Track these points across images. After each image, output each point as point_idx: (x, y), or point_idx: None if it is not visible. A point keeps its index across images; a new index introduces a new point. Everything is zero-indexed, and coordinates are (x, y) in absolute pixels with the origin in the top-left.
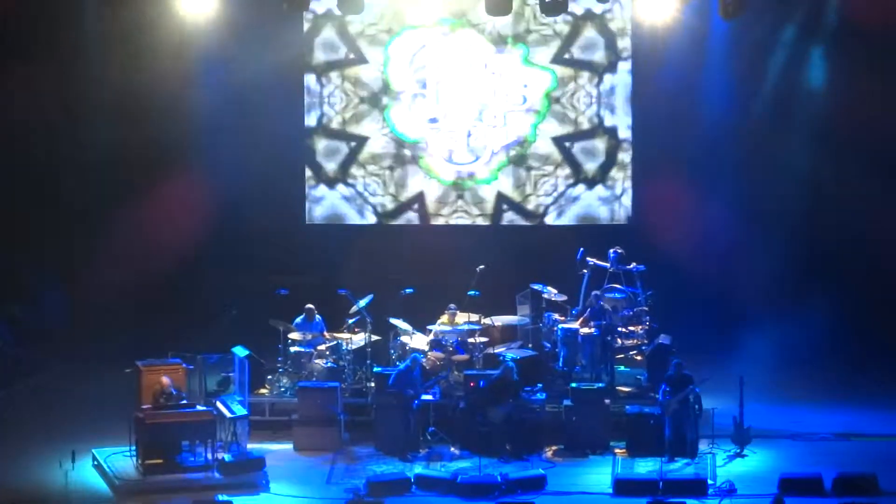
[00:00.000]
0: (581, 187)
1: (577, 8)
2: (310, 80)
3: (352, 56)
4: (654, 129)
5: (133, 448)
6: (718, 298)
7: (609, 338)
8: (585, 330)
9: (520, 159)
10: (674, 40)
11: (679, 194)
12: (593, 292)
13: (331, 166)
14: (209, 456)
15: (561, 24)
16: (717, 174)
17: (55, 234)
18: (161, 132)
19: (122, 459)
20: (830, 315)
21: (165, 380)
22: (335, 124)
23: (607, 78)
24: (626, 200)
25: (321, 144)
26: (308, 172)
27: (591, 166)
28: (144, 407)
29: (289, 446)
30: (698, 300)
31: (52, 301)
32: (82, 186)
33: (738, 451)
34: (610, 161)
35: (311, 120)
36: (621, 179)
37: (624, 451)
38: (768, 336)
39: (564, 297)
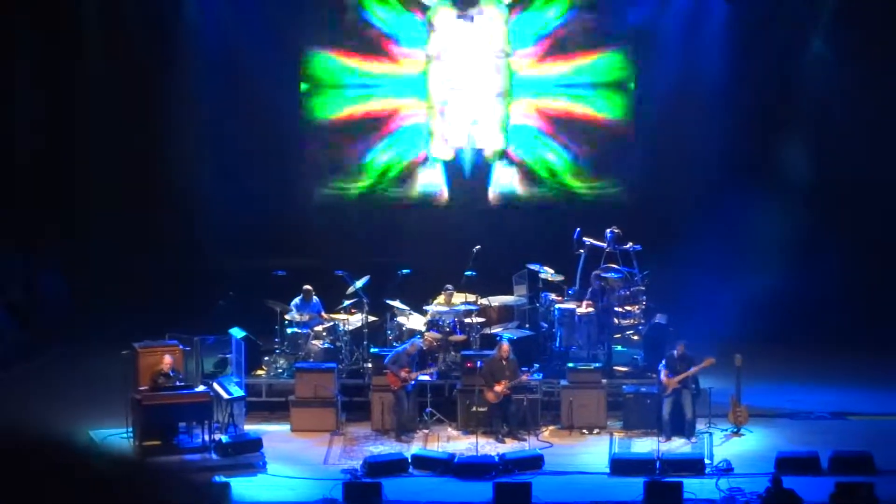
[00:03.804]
0: (579, 167)
1: None
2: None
3: None
4: (654, 110)
5: (130, 430)
6: (717, 279)
7: (606, 318)
8: (582, 310)
9: (516, 140)
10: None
11: (677, 173)
12: (593, 273)
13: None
14: (206, 437)
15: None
16: (714, 150)
17: (54, 218)
18: (159, 118)
19: (119, 441)
20: (827, 293)
21: (168, 358)
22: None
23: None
24: (625, 179)
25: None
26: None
27: (588, 147)
28: (141, 389)
29: (286, 427)
30: (695, 279)
31: (50, 285)
32: (82, 170)
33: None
34: (608, 140)
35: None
36: (621, 160)
37: (621, 430)
38: (765, 315)
39: (561, 278)
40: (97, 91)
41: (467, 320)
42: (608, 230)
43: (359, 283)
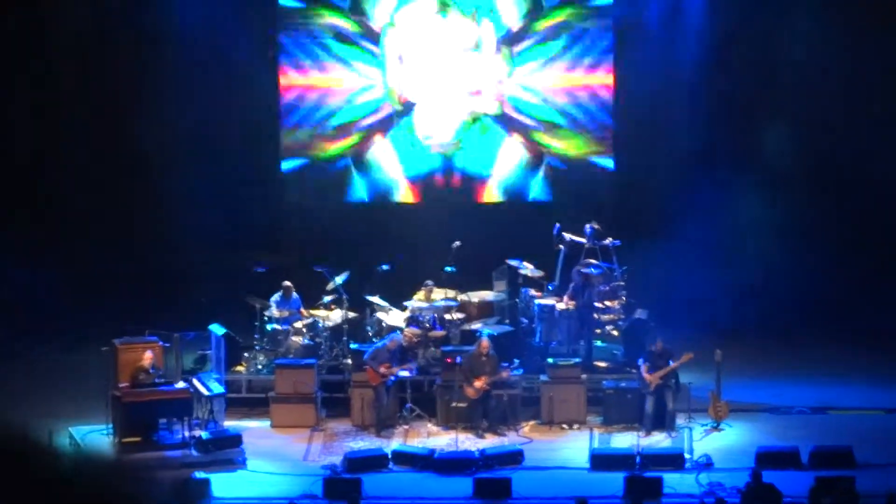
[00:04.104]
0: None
1: None
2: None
3: None
4: (635, 100)
5: (110, 426)
6: (696, 274)
7: (586, 313)
8: (562, 305)
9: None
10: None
11: (657, 172)
12: (573, 268)
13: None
14: (186, 434)
15: None
16: (697, 134)
17: (30, 211)
18: (136, 113)
19: (99, 438)
20: (809, 285)
21: (148, 355)
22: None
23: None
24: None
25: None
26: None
27: (570, 140)
28: (121, 385)
29: (266, 423)
30: (675, 274)
31: (26, 282)
32: (57, 165)
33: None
34: (591, 132)
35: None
36: (601, 152)
37: (601, 425)
38: (744, 309)
39: (541, 273)
40: (70, 85)
41: (447, 316)
42: (588, 225)
43: (338, 280)
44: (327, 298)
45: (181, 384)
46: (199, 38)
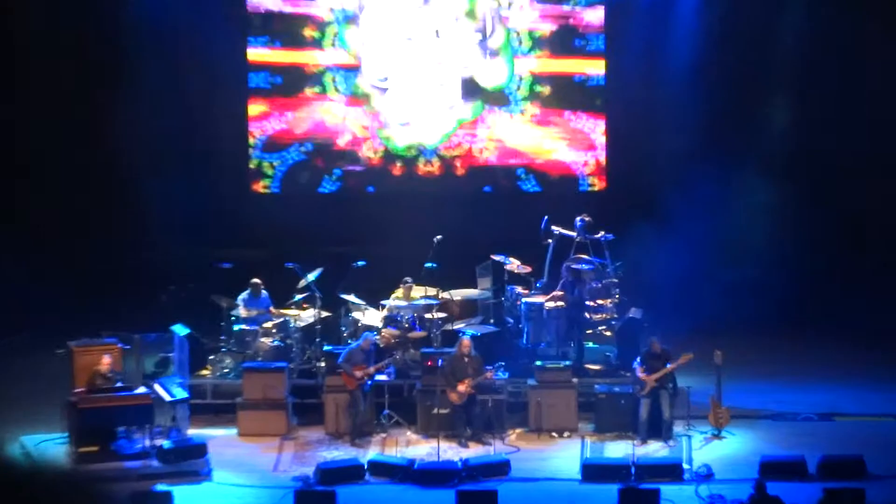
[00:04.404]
0: (548, 151)
1: None
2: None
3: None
4: (627, 89)
5: (65, 435)
6: (693, 269)
7: (577, 312)
8: (551, 304)
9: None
10: None
11: (652, 160)
12: (563, 264)
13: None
14: (147, 443)
15: None
16: (692, 127)
17: None
18: (98, 102)
19: (53, 447)
20: (814, 281)
21: (106, 358)
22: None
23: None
24: (597, 162)
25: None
26: (251, 139)
27: (560, 130)
28: (77, 390)
29: (233, 432)
30: (671, 271)
31: None
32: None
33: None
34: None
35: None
36: (593, 142)
37: (593, 433)
38: (745, 308)
39: (528, 269)
40: (35, 76)
41: (427, 315)
42: (578, 218)
43: (311, 276)
44: (299, 297)
45: (141, 389)
46: (167, 20)
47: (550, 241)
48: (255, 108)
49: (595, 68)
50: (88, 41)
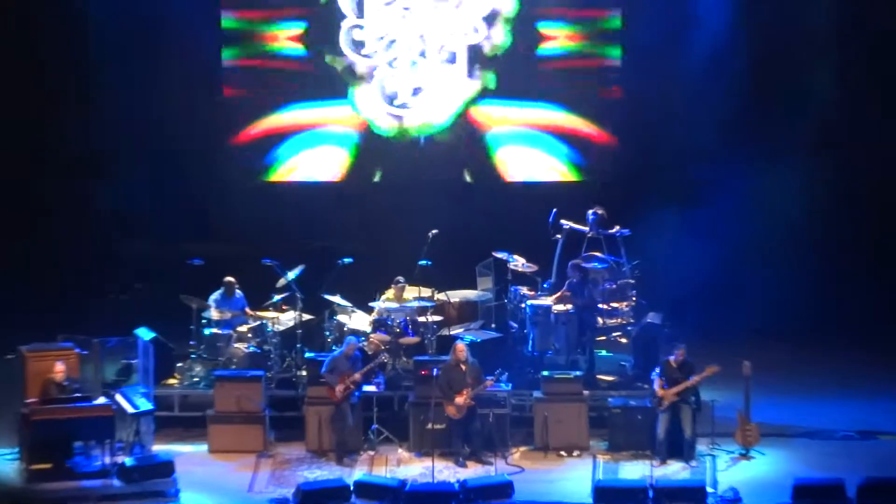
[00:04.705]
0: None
1: None
2: None
3: None
4: (645, 68)
5: (16, 450)
6: (717, 269)
7: (588, 316)
8: (560, 307)
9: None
10: None
11: (675, 145)
12: (572, 262)
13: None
14: (107, 460)
15: None
16: (720, 107)
17: None
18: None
19: (2, 464)
20: (852, 282)
21: (60, 366)
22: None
23: None
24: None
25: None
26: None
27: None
28: (30, 401)
29: (203, 448)
30: (694, 271)
31: None
32: None
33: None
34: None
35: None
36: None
37: (606, 452)
38: (777, 312)
39: (534, 268)
40: None
41: (421, 319)
42: (591, 211)
43: (291, 275)
44: (278, 297)
45: (101, 400)
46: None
47: (559, 236)
48: (230, 91)
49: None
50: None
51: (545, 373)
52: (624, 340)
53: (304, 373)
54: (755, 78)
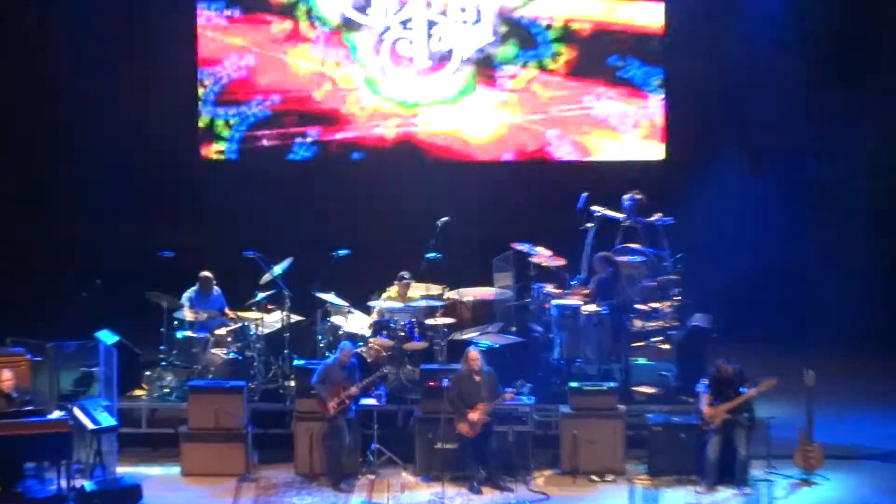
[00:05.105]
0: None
1: None
2: None
3: None
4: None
5: None
6: (777, 264)
7: (623, 318)
8: (590, 308)
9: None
10: None
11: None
12: (602, 255)
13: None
14: (63, 483)
15: None
16: (781, 73)
17: None
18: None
19: None
20: None
21: (8, 374)
22: None
23: None
24: (651, 124)
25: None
26: (201, 89)
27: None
28: None
29: (175, 470)
30: (747, 267)
31: None
32: None
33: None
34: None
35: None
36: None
37: (645, 476)
38: (845, 316)
39: (561, 262)
40: None
41: (429, 321)
42: (627, 196)
43: (277, 269)
44: (262, 295)
45: (57, 414)
46: None
47: (590, 224)
48: (206, 48)
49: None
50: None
51: (574, 384)
52: (666, 347)
53: (292, 383)
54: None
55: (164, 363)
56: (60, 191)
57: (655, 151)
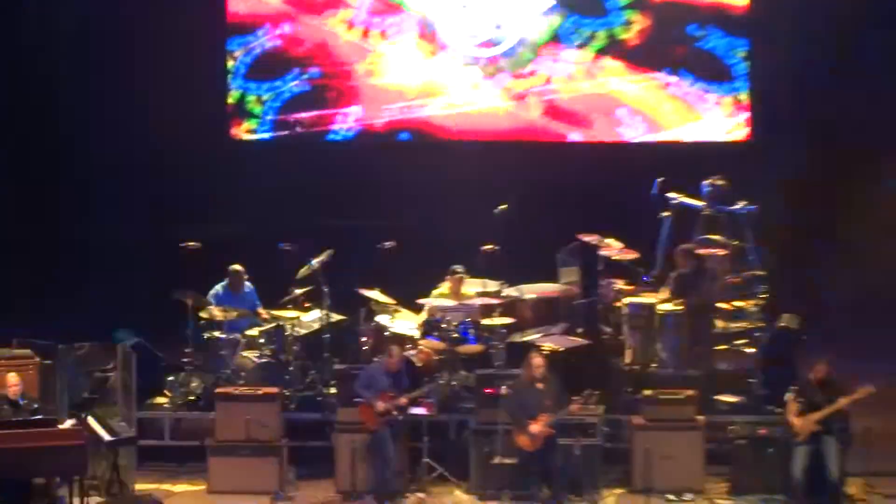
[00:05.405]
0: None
1: None
2: None
3: None
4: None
5: None
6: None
7: (703, 319)
8: (666, 307)
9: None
10: None
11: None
12: (680, 247)
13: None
14: (76, 501)
15: None
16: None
17: None
18: None
19: None
20: None
21: (14, 378)
22: None
23: None
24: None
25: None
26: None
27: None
28: None
29: (201, 487)
30: (844, 262)
31: None
32: None
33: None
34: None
35: None
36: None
37: (727, 495)
38: None
39: (634, 255)
40: None
41: (486, 321)
42: (706, 182)
43: (316, 262)
44: (298, 292)
45: (68, 423)
46: None
47: (666, 214)
48: (236, 15)
49: None
50: None
51: (647, 392)
52: (750, 350)
53: (332, 390)
54: None
55: (188, 367)
56: (72, 175)
57: (739, 132)
